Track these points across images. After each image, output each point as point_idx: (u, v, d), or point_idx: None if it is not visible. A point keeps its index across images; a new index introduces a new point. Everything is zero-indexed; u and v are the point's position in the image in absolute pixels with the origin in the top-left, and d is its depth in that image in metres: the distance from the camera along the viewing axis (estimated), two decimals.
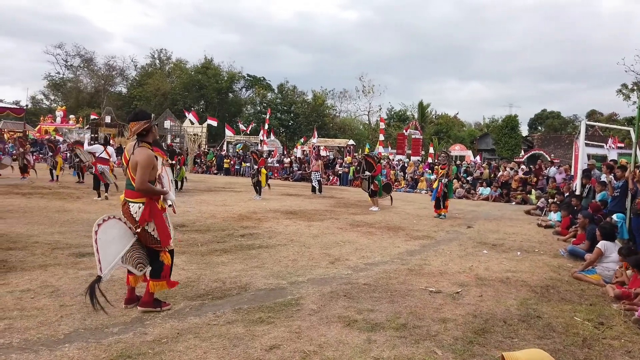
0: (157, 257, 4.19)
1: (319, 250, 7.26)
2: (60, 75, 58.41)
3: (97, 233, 3.83)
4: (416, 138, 31.68)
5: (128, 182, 4.17)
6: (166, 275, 4.22)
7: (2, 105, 32.22)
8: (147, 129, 4.16)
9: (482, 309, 4.71)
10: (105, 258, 3.86)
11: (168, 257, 4.23)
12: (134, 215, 4.07)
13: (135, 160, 4.04)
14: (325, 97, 54.33)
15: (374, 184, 13.38)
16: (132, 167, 4.08)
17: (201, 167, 31.74)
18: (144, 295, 4.20)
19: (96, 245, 3.81)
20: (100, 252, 3.83)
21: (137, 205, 4.08)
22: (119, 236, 4.01)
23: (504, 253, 7.78)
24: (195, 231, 8.35)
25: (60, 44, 57.53)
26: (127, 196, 4.15)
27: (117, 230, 4.02)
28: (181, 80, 52.19)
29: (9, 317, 3.87)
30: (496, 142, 43.50)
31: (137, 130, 4.13)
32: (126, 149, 4.34)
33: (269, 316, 4.19)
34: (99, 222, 3.88)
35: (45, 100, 60.12)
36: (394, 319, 4.26)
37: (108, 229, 3.93)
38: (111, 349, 3.36)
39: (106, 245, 3.89)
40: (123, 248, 4.02)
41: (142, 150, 4.10)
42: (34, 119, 45.86)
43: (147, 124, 4.15)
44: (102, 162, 12.80)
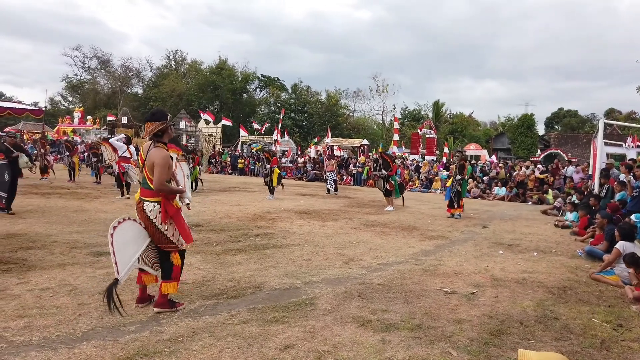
0: (167, 257, 4.21)
1: (333, 250, 7.26)
2: (77, 77, 59.39)
3: (113, 235, 3.87)
4: (431, 137, 31.51)
5: (144, 181, 4.22)
6: (177, 276, 4.24)
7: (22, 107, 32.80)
8: (162, 130, 4.21)
9: (498, 310, 4.66)
10: (122, 260, 3.90)
11: (178, 258, 4.26)
12: (148, 213, 4.11)
13: (152, 160, 4.09)
14: (339, 97, 54.28)
15: (389, 183, 13.32)
16: (149, 167, 4.13)
17: (216, 167, 31.96)
18: (158, 296, 4.23)
19: (112, 248, 3.85)
20: (116, 255, 3.87)
21: (152, 204, 4.12)
22: (134, 237, 4.06)
23: (520, 253, 7.69)
24: (210, 231, 8.41)
25: (78, 46, 58.58)
26: (142, 195, 4.20)
27: (133, 231, 4.06)
28: (196, 81, 52.63)
29: (28, 315, 3.95)
30: (512, 142, 42.99)
31: (152, 131, 4.18)
32: (142, 148, 4.38)
33: (284, 316, 4.20)
34: (114, 224, 3.92)
35: (63, 102, 61.20)
36: (408, 319, 4.24)
37: (124, 231, 3.97)
38: (128, 347, 3.40)
39: (122, 247, 3.93)
40: (139, 249, 4.06)
41: (158, 150, 4.15)
42: (52, 120, 46.65)
43: (163, 124, 4.19)
44: (124, 160, 13.17)
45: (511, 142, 43.15)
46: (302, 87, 54.73)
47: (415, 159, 28.51)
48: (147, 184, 4.16)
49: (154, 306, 4.21)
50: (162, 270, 4.20)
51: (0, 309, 4.06)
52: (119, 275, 3.86)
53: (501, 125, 56.15)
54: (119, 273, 3.87)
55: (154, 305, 4.23)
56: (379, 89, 53.41)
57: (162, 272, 4.20)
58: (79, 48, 58.24)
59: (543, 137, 47.05)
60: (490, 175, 21.75)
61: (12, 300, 4.29)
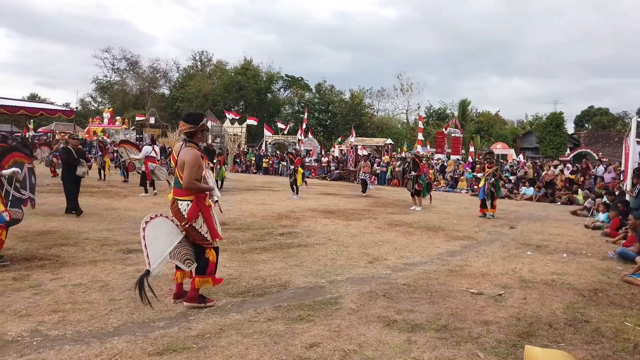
0: (202, 254, 4.30)
1: (357, 249, 7.26)
2: (107, 78, 60.76)
3: (145, 229, 3.98)
4: (456, 136, 31.09)
5: (176, 181, 4.31)
6: (212, 272, 4.33)
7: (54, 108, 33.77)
8: (192, 133, 4.29)
9: (526, 311, 4.59)
10: (153, 253, 4.01)
11: (213, 254, 4.35)
12: (183, 212, 4.20)
13: (183, 159, 4.18)
14: (363, 96, 54.06)
15: (418, 183, 13.26)
16: (180, 166, 4.22)
17: (241, 167, 32.28)
18: (190, 291, 4.33)
19: (144, 241, 3.97)
20: (148, 248, 3.98)
21: (186, 202, 4.21)
22: (166, 233, 4.15)
23: (549, 255, 7.54)
24: (235, 229, 8.51)
25: (108, 48, 59.85)
26: (175, 194, 4.29)
27: (165, 227, 4.16)
28: (221, 81, 53.20)
29: (62, 310, 4.08)
30: (540, 140, 42.12)
31: (181, 131, 4.33)
32: (174, 149, 4.50)
33: (309, 314, 4.23)
34: (146, 219, 4.03)
35: (93, 103, 62.70)
36: (434, 320, 4.21)
37: (155, 226, 4.07)
38: (157, 343, 3.48)
39: (154, 241, 4.03)
40: (171, 244, 4.15)
41: (189, 150, 4.24)
42: (83, 121, 47.89)
43: (191, 128, 4.29)
44: (151, 160, 13.55)
45: (539, 141, 42.28)
46: (326, 86, 54.77)
47: (441, 159, 28.20)
48: (179, 183, 4.25)
49: (185, 300, 4.31)
50: (198, 266, 4.29)
51: (36, 304, 4.20)
52: (150, 267, 3.97)
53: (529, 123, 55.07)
54: (150, 265, 3.97)
55: (185, 299, 4.32)
56: (404, 88, 53.00)
57: (197, 268, 4.29)
58: (109, 50, 59.65)
59: (572, 135, 45.96)
60: (518, 175, 21.36)
61: (46, 295, 4.44)
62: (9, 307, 4.09)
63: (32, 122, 40.91)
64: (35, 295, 4.42)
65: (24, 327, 3.66)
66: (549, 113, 44.86)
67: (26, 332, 3.57)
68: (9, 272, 5.13)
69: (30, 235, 7.07)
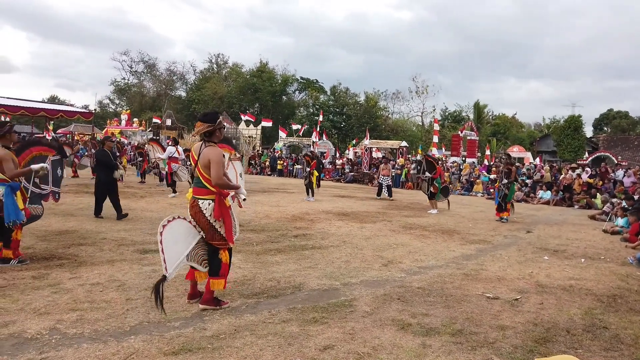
0: (216, 254, 4.30)
1: (371, 252, 7.24)
2: (125, 80, 61.60)
3: (162, 234, 3.98)
4: (472, 139, 30.83)
5: (197, 180, 4.31)
6: (224, 274, 4.34)
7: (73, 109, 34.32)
8: (211, 131, 4.33)
9: (543, 317, 4.53)
10: (170, 258, 4.02)
11: (226, 256, 4.35)
12: (204, 211, 4.20)
13: (208, 158, 4.19)
14: (378, 99, 53.99)
15: (433, 186, 13.14)
16: (204, 166, 4.21)
17: (255, 169, 32.43)
18: (205, 293, 4.34)
19: (161, 246, 3.97)
20: (165, 252, 3.98)
21: (207, 201, 4.22)
22: (184, 235, 4.17)
23: (566, 259, 7.43)
24: (250, 231, 8.55)
25: (126, 51, 60.75)
26: (196, 194, 4.29)
27: (182, 229, 4.17)
28: (237, 83, 53.58)
29: (80, 309, 4.14)
30: (558, 144, 41.54)
31: (200, 131, 4.32)
32: (192, 149, 4.49)
33: (323, 316, 4.23)
34: (164, 222, 4.04)
35: (111, 105, 63.65)
36: (449, 324, 4.18)
37: (173, 229, 4.08)
38: (173, 342, 3.51)
39: (171, 244, 4.04)
40: (188, 246, 4.17)
41: (212, 148, 4.26)
42: (101, 122, 48.57)
43: (209, 127, 4.31)
44: (174, 161, 13.83)
45: (557, 145, 41.71)
46: (340, 88, 54.81)
47: (456, 161, 27.99)
48: (201, 182, 4.25)
49: (200, 303, 4.32)
50: (211, 266, 4.30)
51: (55, 302, 4.27)
52: (167, 272, 3.99)
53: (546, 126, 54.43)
54: (167, 270, 3.99)
55: (200, 302, 4.34)
56: (419, 90, 52.79)
57: (210, 269, 4.31)
58: (127, 53, 60.54)
59: (591, 139, 45.28)
60: (535, 179, 21.09)
61: (65, 294, 4.51)
62: (28, 305, 4.16)
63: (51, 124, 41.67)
64: (54, 294, 4.50)
65: (43, 325, 3.73)
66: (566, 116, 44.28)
67: (45, 330, 3.63)
68: (28, 270, 5.23)
69: (49, 234, 7.20)
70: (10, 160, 5.46)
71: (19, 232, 5.57)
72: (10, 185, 5.42)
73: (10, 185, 5.42)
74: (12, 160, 5.48)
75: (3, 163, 5.43)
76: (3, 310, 4.01)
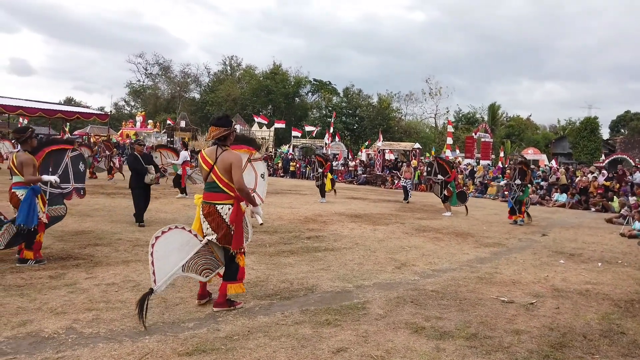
0: (233, 259, 4.31)
1: (384, 254, 7.22)
2: (140, 82, 62.24)
3: (154, 246, 3.87)
4: (486, 141, 30.58)
5: (214, 185, 4.24)
6: (242, 278, 4.34)
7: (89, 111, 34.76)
8: (225, 136, 4.34)
9: (559, 321, 4.47)
10: (161, 270, 3.89)
11: (243, 259, 4.36)
12: (224, 216, 4.17)
13: (229, 162, 4.16)
14: (391, 100, 53.82)
15: (447, 190, 13.02)
16: (224, 170, 4.18)
17: (268, 170, 32.55)
18: (219, 297, 4.34)
19: (151, 258, 3.86)
20: (155, 265, 3.86)
21: (227, 206, 4.20)
22: (179, 245, 4.05)
23: (582, 263, 7.33)
24: (263, 232, 8.57)
25: (141, 54, 61.45)
26: (212, 199, 4.23)
27: (179, 239, 4.06)
28: (250, 85, 53.83)
29: (96, 309, 4.19)
30: (573, 146, 41.00)
31: (216, 136, 4.29)
32: (205, 153, 4.41)
33: (336, 319, 4.22)
34: (157, 234, 3.94)
35: (126, 106, 64.39)
36: (463, 328, 4.15)
37: (168, 240, 3.97)
38: (187, 343, 3.54)
39: (163, 257, 3.92)
40: (185, 257, 4.07)
41: (231, 153, 4.26)
42: (116, 124, 49.19)
43: (226, 131, 4.31)
44: (187, 164, 14.05)
45: (572, 147, 41.18)
46: (353, 90, 54.77)
47: (470, 164, 27.78)
48: (218, 187, 4.21)
49: (214, 306, 4.32)
50: (229, 272, 4.29)
51: (71, 302, 4.33)
52: (155, 285, 3.87)
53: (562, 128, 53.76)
54: (156, 283, 3.87)
55: (214, 305, 4.34)
56: (432, 92, 52.51)
57: (227, 274, 4.29)
58: (142, 55, 61.21)
59: (608, 141, 44.59)
60: (550, 181, 20.84)
61: (81, 294, 4.57)
62: (45, 304, 4.23)
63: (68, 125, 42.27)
64: (70, 294, 4.56)
65: (60, 324, 3.78)
66: (582, 118, 43.70)
67: (62, 330, 3.68)
68: (45, 270, 5.31)
69: (66, 235, 7.30)
70: (32, 165, 5.55)
71: (42, 234, 5.67)
72: (33, 188, 5.52)
73: (33, 189, 5.51)
74: (33, 165, 5.57)
75: (24, 167, 5.52)
76: (21, 309, 4.08)
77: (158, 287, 3.89)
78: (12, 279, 4.91)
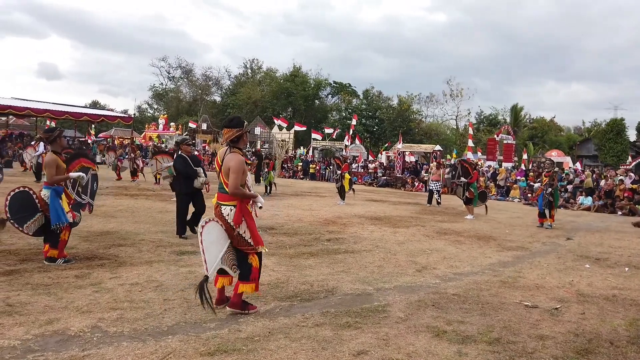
0: (245, 259, 4.34)
1: (405, 257, 7.17)
2: (163, 86, 63.18)
3: (202, 234, 4.04)
4: (508, 143, 30.15)
5: (220, 186, 4.38)
6: (255, 278, 4.37)
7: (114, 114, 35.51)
8: (238, 136, 4.38)
9: (585, 327, 4.38)
10: (210, 258, 4.08)
11: (256, 260, 4.38)
12: (226, 217, 4.27)
13: (228, 165, 4.25)
14: (411, 102, 53.50)
15: (469, 191, 12.91)
16: (225, 172, 4.28)
17: (288, 172, 32.66)
18: (233, 296, 4.38)
19: (202, 246, 4.03)
20: (205, 253, 4.04)
21: (229, 207, 4.28)
22: (217, 238, 4.22)
23: (609, 268, 7.16)
24: (283, 234, 8.61)
25: (164, 57, 62.31)
26: (219, 199, 4.37)
27: (216, 232, 4.23)
28: (271, 88, 54.15)
29: (120, 308, 4.26)
30: (599, 148, 40.12)
31: (229, 137, 4.35)
32: (218, 154, 4.54)
33: (356, 321, 4.21)
34: (202, 223, 4.11)
35: (149, 109, 65.40)
36: (486, 332, 4.09)
37: (210, 231, 4.14)
38: (209, 343, 3.57)
39: (209, 246, 4.10)
40: (222, 249, 4.23)
41: (234, 155, 4.30)
42: (139, 127, 49.99)
43: (239, 131, 4.36)
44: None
45: (598, 149, 40.31)
46: (373, 92, 54.63)
47: (492, 166, 27.42)
48: (223, 188, 4.32)
49: (228, 305, 4.37)
50: (241, 271, 4.35)
51: (96, 301, 4.42)
52: (208, 272, 4.04)
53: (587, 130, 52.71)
54: (208, 270, 4.04)
55: (228, 304, 4.38)
56: (453, 94, 52.02)
57: (240, 273, 4.35)
58: (165, 59, 62.07)
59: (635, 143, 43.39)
60: (575, 184, 20.43)
61: (106, 293, 4.66)
62: (72, 303, 4.32)
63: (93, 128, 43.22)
64: (95, 293, 4.65)
65: (86, 323, 3.86)
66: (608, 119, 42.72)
67: (87, 328, 3.75)
68: (72, 270, 5.43)
69: (91, 235, 7.45)
70: (54, 167, 5.66)
71: (67, 233, 5.80)
72: (55, 189, 5.65)
73: (55, 189, 5.65)
74: (56, 167, 5.68)
75: (47, 168, 5.66)
76: (48, 307, 4.18)
77: (211, 273, 4.07)
78: (40, 278, 5.03)
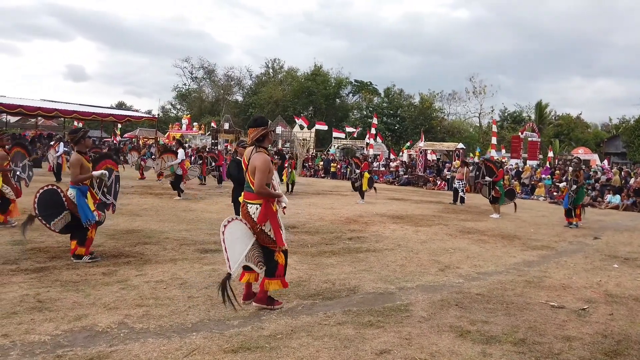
0: (272, 256, 4.41)
1: (427, 256, 7.12)
2: (186, 86, 63.98)
3: (224, 233, 4.10)
4: (533, 141, 29.57)
5: (247, 185, 4.45)
6: (280, 274, 4.42)
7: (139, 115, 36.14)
8: (263, 135, 4.43)
9: (614, 328, 4.28)
10: (232, 256, 4.12)
11: (282, 257, 4.43)
12: (252, 215, 4.34)
13: (254, 164, 4.31)
14: (433, 100, 52.97)
15: (495, 190, 12.76)
16: (251, 172, 4.35)
17: (309, 171, 32.72)
18: (259, 292, 4.46)
19: (224, 244, 4.08)
20: (228, 251, 4.09)
21: (255, 206, 4.35)
22: (242, 236, 4.28)
23: (638, 268, 6.98)
24: (305, 233, 8.64)
25: (187, 58, 62.95)
26: (245, 198, 4.45)
27: (240, 230, 4.28)
28: (292, 87, 54.28)
29: (146, 305, 4.35)
30: (627, 145, 39.06)
31: (255, 137, 4.42)
32: (244, 154, 4.61)
33: (379, 320, 4.20)
34: (224, 222, 4.16)
35: (173, 110, 66.29)
36: (511, 332, 4.04)
37: (233, 229, 4.19)
38: (232, 341, 3.61)
39: (232, 244, 4.15)
40: (246, 247, 4.27)
41: (260, 155, 4.36)
42: (163, 127, 50.73)
43: (264, 130, 4.42)
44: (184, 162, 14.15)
45: (626, 146, 39.26)
46: (395, 90, 54.26)
47: (516, 164, 26.95)
48: (249, 187, 4.40)
49: (254, 301, 4.45)
50: (267, 268, 4.40)
51: (123, 298, 4.51)
52: (230, 270, 4.09)
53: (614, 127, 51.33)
54: (231, 268, 4.09)
55: (254, 300, 4.46)
56: (476, 91, 51.29)
57: (266, 270, 4.40)
58: (188, 60, 62.75)
59: None
60: (602, 182, 19.94)
61: (132, 290, 4.75)
62: (99, 300, 4.42)
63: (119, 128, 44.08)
64: (122, 290, 4.75)
65: (112, 319, 3.95)
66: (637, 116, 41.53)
67: (114, 324, 3.84)
68: (99, 267, 5.55)
69: (117, 233, 7.61)
70: (78, 166, 5.80)
71: (93, 231, 5.93)
72: (80, 188, 5.79)
73: (80, 189, 5.79)
74: (80, 166, 5.81)
75: (71, 168, 5.80)
76: (76, 304, 4.28)
77: (233, 271, 4.11)
78: (68, 275, 5.16)
